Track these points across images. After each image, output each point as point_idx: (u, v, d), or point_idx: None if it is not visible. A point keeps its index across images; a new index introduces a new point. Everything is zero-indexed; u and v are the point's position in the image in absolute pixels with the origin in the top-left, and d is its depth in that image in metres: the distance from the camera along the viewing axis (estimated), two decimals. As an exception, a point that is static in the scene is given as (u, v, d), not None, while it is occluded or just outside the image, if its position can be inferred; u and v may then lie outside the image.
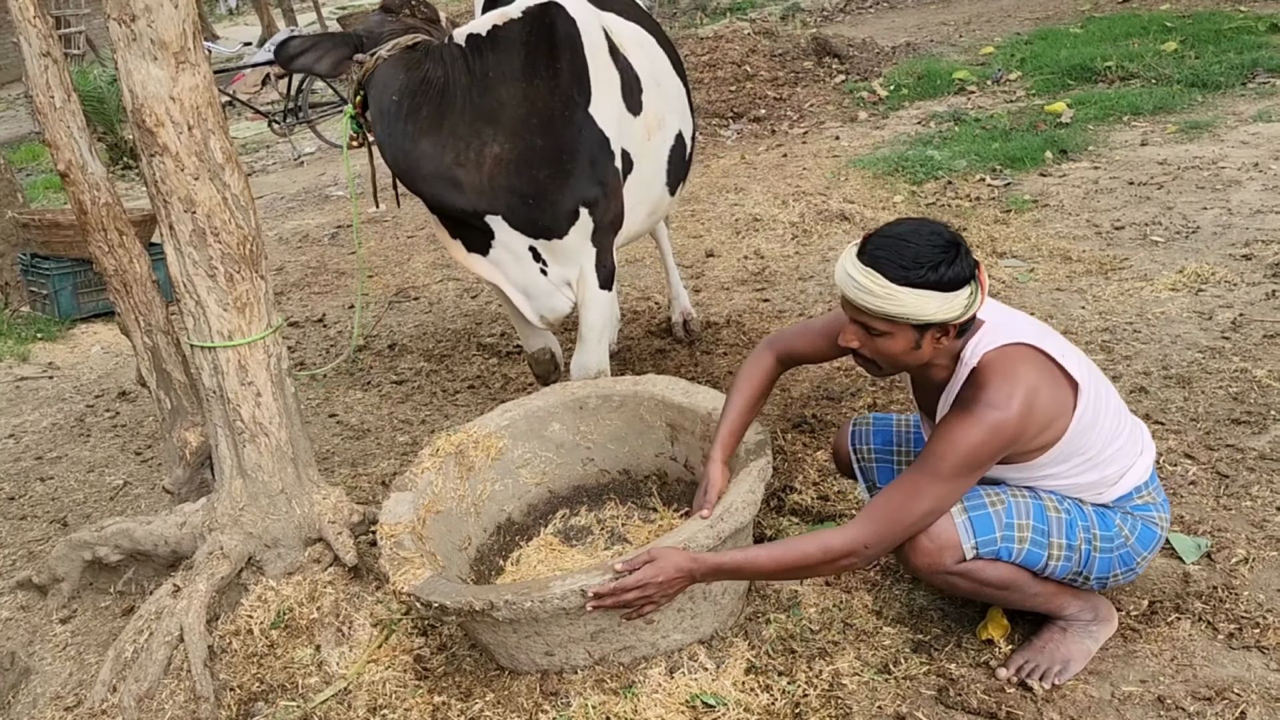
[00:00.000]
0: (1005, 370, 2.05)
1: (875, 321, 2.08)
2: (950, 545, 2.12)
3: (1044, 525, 2.15)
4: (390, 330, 5.24)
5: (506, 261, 3.13)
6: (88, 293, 6.00)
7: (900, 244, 2.02)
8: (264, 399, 2.75)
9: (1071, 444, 2.12)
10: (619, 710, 2.21)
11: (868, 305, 2.05)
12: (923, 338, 2.08)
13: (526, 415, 2.99)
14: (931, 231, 2.04)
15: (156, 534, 2.91)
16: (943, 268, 2.00)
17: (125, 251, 2.99)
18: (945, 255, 2.00)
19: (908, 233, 2.04)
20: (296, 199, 8.81)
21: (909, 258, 2.00)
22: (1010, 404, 2.01)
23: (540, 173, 2.95)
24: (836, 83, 9.53)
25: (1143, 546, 2.23)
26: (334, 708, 2.43)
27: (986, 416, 2.01)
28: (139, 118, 2.47)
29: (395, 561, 2.40)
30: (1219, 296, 4.06)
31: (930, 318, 2.02)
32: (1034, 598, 2.23)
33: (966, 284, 2.03)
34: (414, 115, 2.82)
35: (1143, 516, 2.23)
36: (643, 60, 3.37)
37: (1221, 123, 6.41)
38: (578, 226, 3.05)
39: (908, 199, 5.97)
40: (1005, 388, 2.02)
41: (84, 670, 2.75)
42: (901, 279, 2.00)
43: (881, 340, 2.11)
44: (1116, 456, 2.19)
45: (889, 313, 2.03)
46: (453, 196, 2.93)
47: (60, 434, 4.50)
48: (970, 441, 2.01)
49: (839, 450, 2.70)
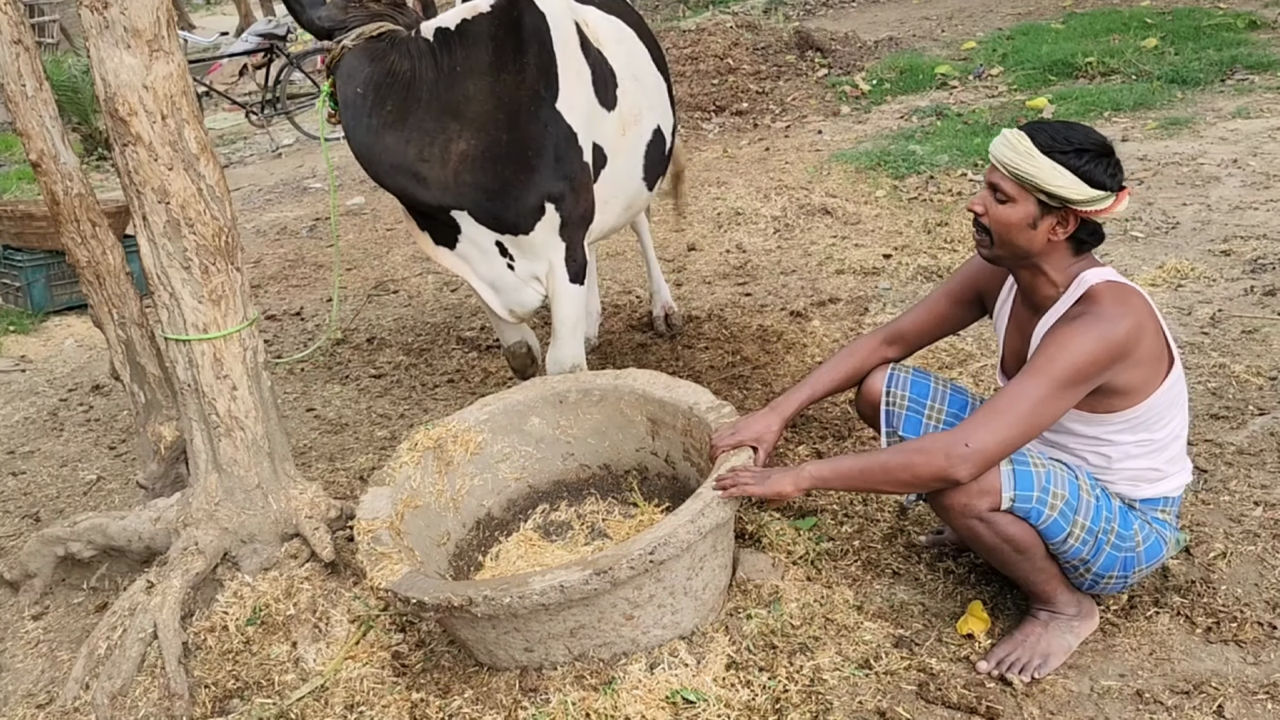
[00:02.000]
0: (1120, 295, 2.11)
1: (1005, 183, 2.14)
2: (991, 490, 2.13)
3: (1075, 501, 2.17)
4: (369, 323, 5.20)
5: (473, 256, 3.11)
6: (61, 285, 5.92)
7: (1063, 127, 2.12)
8: (240, 393, 2.72)
9: (1151, 413, 2.16)
10: (598, 707, 2.20)
11: (1006, 161, 2.12)
12: (1042, 219, 2.13)
13: (506, 410, 2.97)
14: (1096, 135, 2.12)
15: (130, 529, 2.87)
16: (1087, 157, 2.07)
17: (98, 243, 2.94)
18: (1094, 151, 2.08)
19: (1076, 124, 2.14)
20: (274, 191, 8.74)
21: (1062, 137, 2.09)
22: (1121, 322, 2.06)
23: (505, 168, 2.92)
24: (819, 77, 9.53)
25: (1147, 558, 2.25)
26: (311, 705, 2.40)
27: (1097, 327, 2.06)
28: (111, 106, 2.43)
29: (373, 557, 2.38)
30: (1198, 292, 4.08)
31: (1057, 190, 2.07)
32: (1038, 572, 2.24)
33: (1104, 189, 2.08)
34: (379, 108, 2.79)
35: (1157, 530, 2.26)
36: (620, 55, 3.34)
37: (1201, 119, 6.45)
38: (544, 222, 3.02)
39: (890, 193, 5.98)
40: (1118, 308, 2.08)
41: (56, 668, 2.71)
42: (1046, 148, 2.08)
43: (1004, 208, 2.16)
44: (1167, 456, 2.24)
45: (1022, 172, 2.09)
46: (417, 190, 2.90)
47: (33, 428, 4.44)
48: (1081, 348, 2.05)
49: (869, 393, 2.61)
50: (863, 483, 2.29)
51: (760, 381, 3.84)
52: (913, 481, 2.17)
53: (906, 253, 5.00)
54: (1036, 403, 2.07)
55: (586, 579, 2.15)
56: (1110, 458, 2.23)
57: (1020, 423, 2.08)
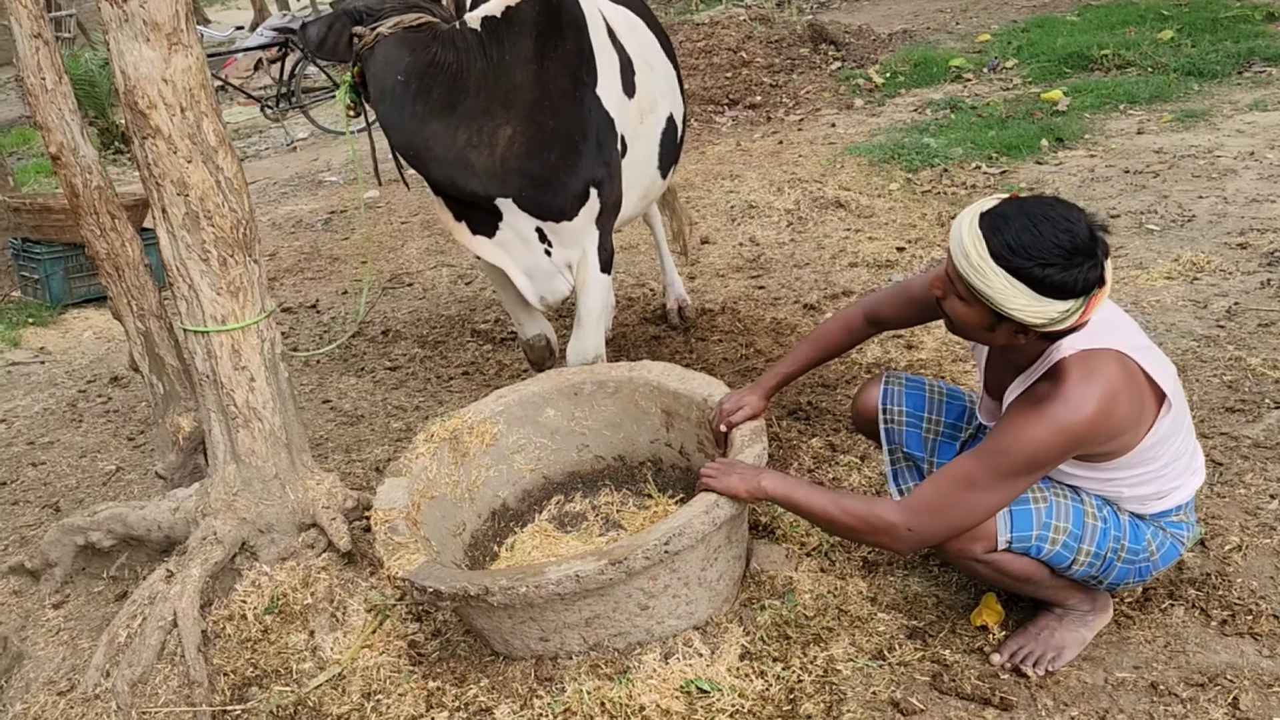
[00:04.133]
0: (1087, 370, 1.92)
1: (960, 284, 1.95)
2: (986, 535, 2.09)
3: (1079, 531, 2.10)
4: (384, 316, 5.23)
5: (513, 243, 3.11)
6: (79, 278, 5.97)
7: (1026, 224, 1.85)
8: (257, 384, 2.74)
9: (1145, 453, 2.04)
10: (613, 696, 2.21)
11: (959, 266, 1.92)
12: (999, 325, 1.95)
13: (521, 401, 2.99)
14: (1068, 228, 1.84)
15: (150, 519, 2.90)
16: (1051, 269, 1.82)
17: (117, 235, 2.97)
18: (1064, 259, 1.82)
19: (1044, 216, 1.85)
20: (289, 184, 8.77)
21: (1022, 243, 1.84)
22: (1084, 407, 1.89)
23: (551, 154, 2.93)
24: (832, 70, 9.50)
25: (1163, 562, 2.20)
26: (328, 693, 2.43)
27: (1058, 416, 1.90)
28: (131, 100, 2.45)
29: (390, 547, 2.40)
30: (1214, 285, 4.06)
31: (1011, 312, 1.88)
32: (1046, 589, 2.22)
33: (1072, 297, 1.85)
34: (423, 96, 2.77)
35: (1173, 534, 2.19)
36: (634, 43, 3.36)
37: (1218, 111, 6.41)
38: (586, 208, 3.04)
39: (903, 186, 5.96)
40: (1083, 388, 1.90)
41: (77, 655, 2.74)
42: (1002, 260, 1.85)
43: (960, 304, 1.99)
44: (1174, 476, 2.13)
45: (974, 285, 1.90)
46: (465, 179, 2.90)
47: (52, 419, 4.48)
48: (1037, 440, 1.91)
49: (865, 408, 2.59)
50: (808, 517, 2.24)
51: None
52: (855, 539, 2.19)
53: (920, 246, 4.99)
54: (989, 494, 1.98)
55: (602, 569, 2.16)
56: (1112, 489, 2.14)
57: (965, 517, 2.01)
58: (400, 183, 3.08)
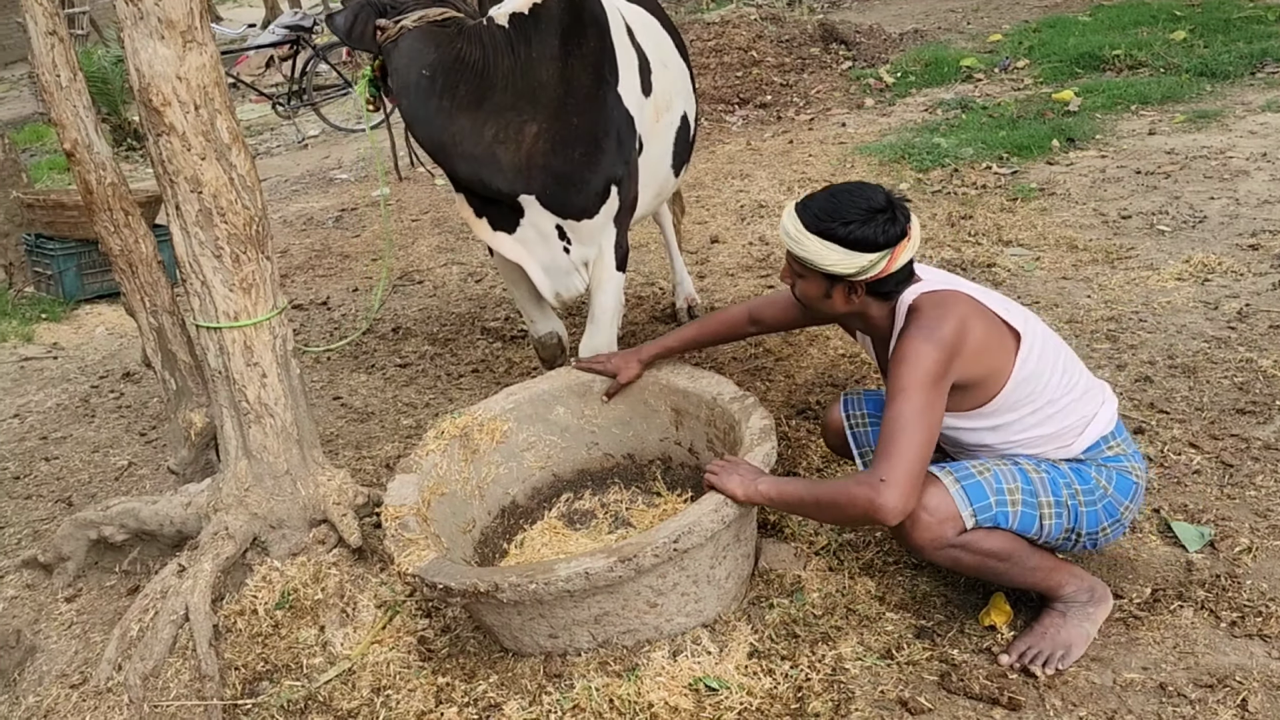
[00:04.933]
0: (937, 302, 2.20)
1: (794, 262, 2.29)
2: (950, 516, 2.15)
3: (1030, 486, 2.21)
4: (394, 313, 5.24)
5: (532, 240, 3.11)
6: (92, 274, 6.00)
7: (830, 198, 2.20)
8: (269, 380, 2.75)
9: (1018, 390, 2.21)
10: (622, 692, 2.22)
11: (786, 242, 2.25)
12: (832, 289, 2.26)
13: (531, 399, 3.00)
14: (866, 195, 2.19)
15: (162, 514, 2.92)
16: (854, 226, 2.15)
17: (131, 231, 2.99)
18: (862, 216, 2.15)
19: (843, 190, 2.22)
20: (300, 182, 8.80)
21: (828, 210, 2.18)
22: (943, 323, 2.14)
23: (576, 152, 2.94)
24: (843, 69, 9.49)
25: (1123, 496, 2.27)
26: (338, 688, 2.44)
27: (925, 334, 2.14)
28: (145, 96, 2.46)
29: (400, 543, 2.41)
30: (1225, 286, 4.05)
31: (828, 268, 2.20)
32: (1033, 571, 2.25)
33: (877, 250, 2.16)
34: (450, 92, 2.78)
35: (1116, 467, 2.28)
36: (650, 42, 3.37)
37: (1230, 112, 6.39)
38: (606, 206, 3.05)
39: (914, 186, 5.96)
40: (937, 312, 2.17)
41: (89, 649, 2.76)
42: (813, 227, 2.19)
43: (800, 282, 2.31)
44: (1074, 408, 2.26)
45: (797, 255, 2.23)
46: (491, 176, 2.90)
47: (65, 414, 4.51)
48: (918, 355, 2.12)
49: (831, 424, 2.72)
50: (801, 512, 2.37)
51: (783, 373, 3.85)
52: (846, 520, 2.21)
53: (930, 245, 4.98)
54: (916, 414, 2.10)
55: (611, 566, 2.17)
56: (1019, 437, 2.26)
57: (914, 437, 2.09)
58: (413, 180, 3.08)
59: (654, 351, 2.94)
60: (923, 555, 2.22)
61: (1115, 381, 3.42)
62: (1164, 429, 3.09)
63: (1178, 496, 2.77)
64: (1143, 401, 3.27)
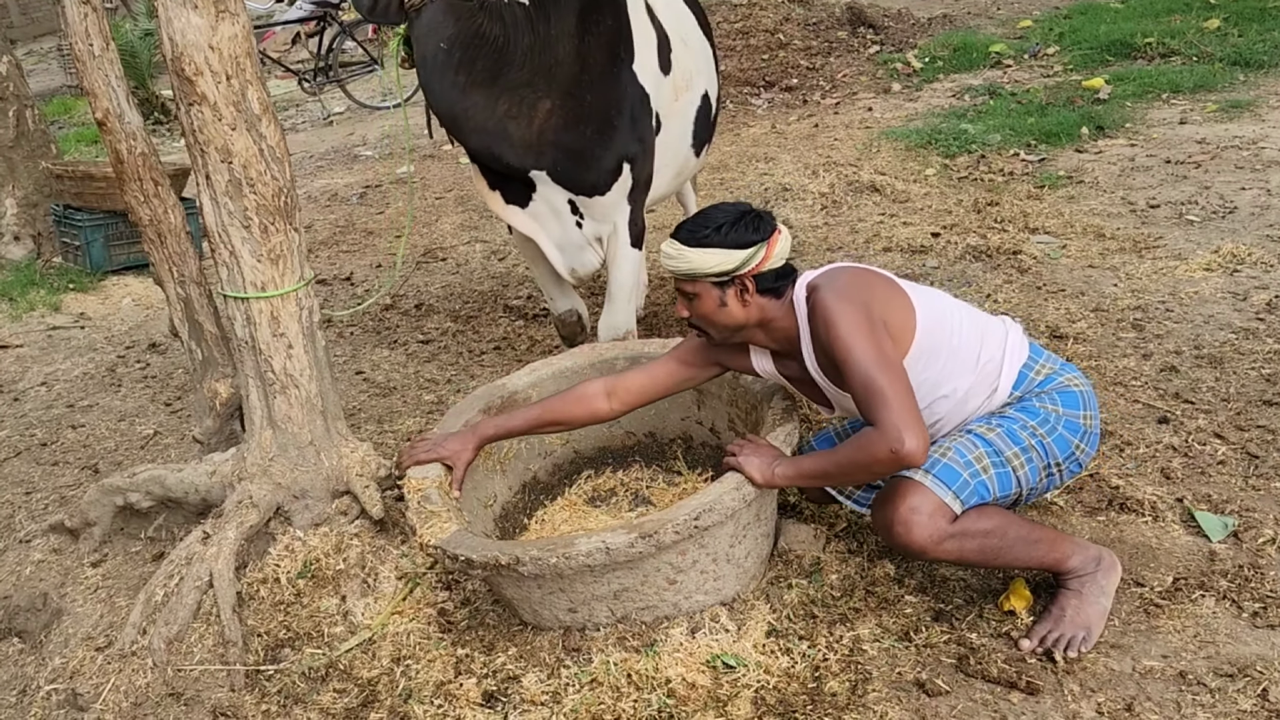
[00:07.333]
0: (829, 274, 2.34)
1: (683, 284, 2.37)
2: (936, 507, 2.18)
3: (990, 447, 2.26)
4: (417, 290, 5.26)
5: (545, 215, 3.13)
6: (119, 245, 6.04)
7: (698, 215, 2.37)
8: (295, 351, 2.77)
9: (931, 337, 2.28)
10: (640, 668, 2.23)
11: (670, 269, 2.35)
12: (725, 295, 2.33)
13: (554, 375, 3.00)
14: (728, 209, 2.34)
15: (187, 482, 2.95)
16: (725, 228, 2.29)
17: (160, 202, 3.00)
18: (731, 219, 2.30)
19: (708, 208, 2.38)
20: (325, 158, 8.83)
21: (698, 223, 2.33)
22: (844, 282, 2.27)
23: (587, 129, 2.95)
24: (870, 54, 9.42)
25: (1075, 408, 2.32)
26: (359, 657, 2.47)
27: (835, 295, 2.23)
28: (178, 66, 2.47)
29: (422, 515, 2.42)
30: (1254, 278, 4.01)
31: (713, 270, 2.29)
32: (1036, 545, 2.26)
33: (750, 246, 2.28)
34: (467, 66, 2.79)
35: (1053, 387, 2.34)
36: (671, 20, 3.35)
37: (1263, 102, 6.30)
38: (619, 183, 3.05)
39: (940, 172, 5.92)
40: (835, 278, 2.30)
41: (114, 613, 2.80)
42: (690, 241, 2.31)
43: (695, 303, 2.38)
44: (986, 343, 2.35)
45: (682, 270, 2.32)
46: (502, 150, 2.92)
47: (91, 383, 4.55)
48: (842, 313, 2.19)
49: None
50: (824, 481, 2.41)
51: (805, 356, 3.84)
52: (875, 474, 2.23)
53: (955, 231, 4.95)
54: (875, 360, 2.15)
55: (632, 542, 2.18)
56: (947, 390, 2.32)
57: (887, 376, 2.13)
58: (438, 158, 3.10)
59: (491, 433, 2.66)
60: (926, 556, 2.22)
61: (1141, 371, 3.40)
62: (1189, 419, 3.07)
63: (1202, 486, 2.76)
64: (1168, 391, 3.25)
